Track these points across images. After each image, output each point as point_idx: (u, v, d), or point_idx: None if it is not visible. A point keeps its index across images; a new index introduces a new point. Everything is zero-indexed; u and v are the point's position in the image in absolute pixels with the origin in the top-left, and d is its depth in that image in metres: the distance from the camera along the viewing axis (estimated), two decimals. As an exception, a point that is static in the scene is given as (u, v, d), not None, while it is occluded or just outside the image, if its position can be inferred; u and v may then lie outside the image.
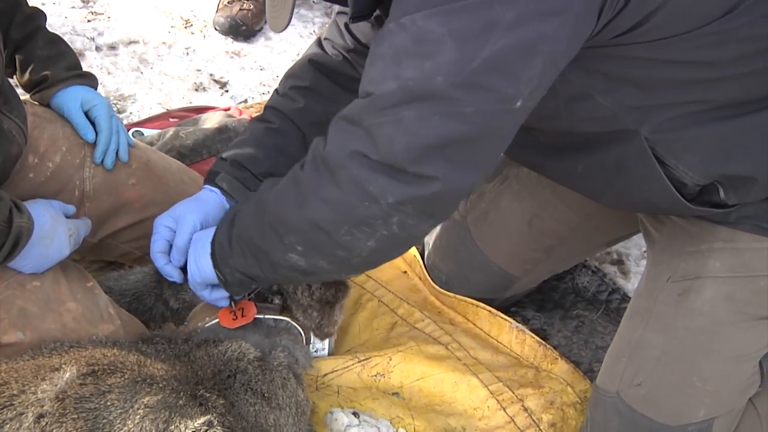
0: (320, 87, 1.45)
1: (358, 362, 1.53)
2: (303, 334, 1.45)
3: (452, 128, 0.99)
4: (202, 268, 1.29)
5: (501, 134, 1.05)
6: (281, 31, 1.14)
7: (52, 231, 1.26)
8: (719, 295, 1.32)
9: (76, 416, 1.09)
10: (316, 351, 1.50)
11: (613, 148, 1.21)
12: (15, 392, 1.11)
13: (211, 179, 1.43)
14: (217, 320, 1.38)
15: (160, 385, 1.16)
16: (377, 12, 1.21)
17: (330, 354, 1.53)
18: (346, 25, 1.42)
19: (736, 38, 1.11)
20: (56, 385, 1.12)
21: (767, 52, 1.14)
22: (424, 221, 1.08)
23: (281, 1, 1.12)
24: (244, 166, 1.42)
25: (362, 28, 1.41)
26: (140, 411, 1.11)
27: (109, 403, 1.11)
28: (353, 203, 1.06)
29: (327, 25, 1.61)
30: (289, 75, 1.49)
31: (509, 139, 1.07)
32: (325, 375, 1.51)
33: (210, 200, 1.41)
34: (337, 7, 1.46)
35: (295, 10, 2.68)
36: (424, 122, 0.99)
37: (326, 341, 1.51)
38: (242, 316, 1.37)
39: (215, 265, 1.26)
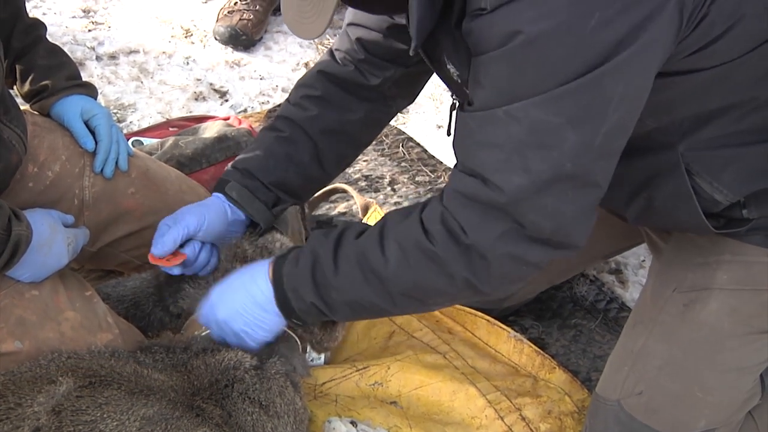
0: (332, 96, 1.46)
1: (356, 371, 1.53)
2: (299, 343, 1.45)
3: (588, 197, 1.09)
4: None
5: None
6: (315, 38, 1.11)
7: (51, 239, 1.27)
8: (725, 308, 1.32)
9: (72, 429, 1.09)
10: (312, 360, 1.50)
11: (647, 160, 1.21)
12: (11, 405, 1.11)
13: (220, 187, 1.44)
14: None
15: (157, 397, 1.16)
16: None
17: (326, 363, 1.53)
18: (359, 39, 1.43)
19: None
20: (53, 398, 1.12)
21: None
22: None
23: (318, 2, 1.06)
24: (254, 174, 1.43)
25: (374, 40, 1.41)
26: (136, 423, 1.12)
27: (105, 416, 1.11)
28: (507, 272, 1.13)
29: (327, 36, 1.62)
30: (301, 85, 1.50)
31: None
32: (323, 384, 1.51)
33: (212, 205, 1.42)
34: (347, 19, 1.46)
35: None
36: (563, 200, 1.07)
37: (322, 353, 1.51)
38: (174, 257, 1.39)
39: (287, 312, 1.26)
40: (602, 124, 1.03)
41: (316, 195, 1.99)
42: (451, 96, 1.36)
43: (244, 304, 1.27)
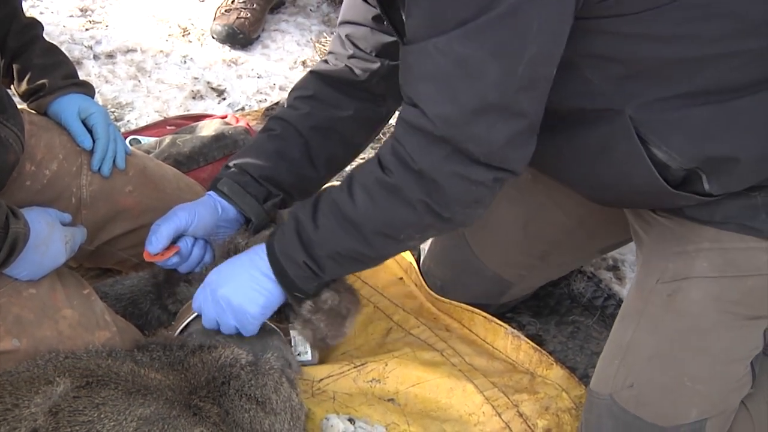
0: (323, 94, 1.50)
1: (354, 368, 1.54)
2: (284, 337, 1.44)
3: (516, 126, 1.15)
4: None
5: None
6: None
7: (48, 237, 1.27)
8: (708, 296, 1.33)
9: (69, 430, 1.09)
10: (299, 355, 1.49)
11: (597, 128, 1.24)
12: (9, 406, 1.11)
13: (213, 185, 1.47)
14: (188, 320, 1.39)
15: (154, 396, 1.16)
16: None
17: (315, 362, 1.52)
18: (348, 35, 1.47)
19: (718, 13, 1.15)
20: (50, 398, 1.12)
21: (752, 35, 1.16)
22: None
23: None
24: (245, 170, 1.46)
25: (362, 35, 1.46)
26: (133, 423, 1.12)
27: (102, 416, 1.11)
28: (459, 192, 1.20)
29: (324, 34, 1.64)
30: (294, 88, 1.55)
31: None
32: (321, 380, 1.51)
33: (204, 202, 1.45)
34: (339, 19, 1.51)
35: (293, 19, 2.70)
36: (492, 130, 1.14)
37: (307, 346, 1.49)
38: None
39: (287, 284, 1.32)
40: (522, 54, 1.09)
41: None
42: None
43: (243, 278, 1.32)
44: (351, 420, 1.43)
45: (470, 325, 1.70)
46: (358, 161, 1.68)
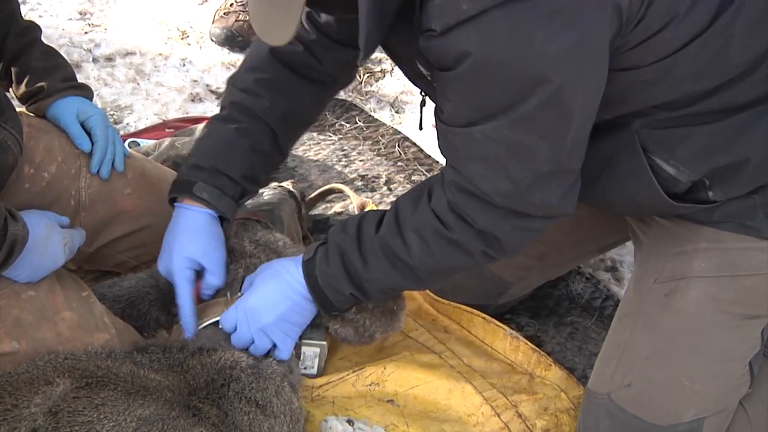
0: (283, 80, 1.46)
1: (353, 372, 1.54)
2: (294, 351, 1.45)
3: (568, 180, 1.20)
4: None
5: None
6: (285, 43, 1.12)
7: (47, 239, 1.27)
8: (705, 295, 1.33)
9: (69, 430, 1.09)
10: (305, 368, 1.50)
11: (604, 140, 1.25)
12: (8, 407, 1.11)
13: (186, 189, 1.42)
14: (207, 323, 1.39)
15: (154, 397, 1.16)
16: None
17: (318, 375, 1.53)
18: (309, 16, 1.43)
19: (732, 51, 1.16)
20: (50, 399, 1.12)
21: (761, 62, 1.17)
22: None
23: (284, 7, 1.07)
24: (222, 171, 1.43)
25: (326, 20, 1.42)
26: (133, 424, 1.12)
27: (102, 417, 1.12)
28: (518, 240, 1.27)
29: None
30: (250, 68, 1.48)
31: None
32: (320, 386, 1.52)
33: (198, 224, 1.41)
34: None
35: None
36: (548, 192, 1.19)
37: (315, 360, 1.50)
38: None
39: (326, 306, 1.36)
40: (569, 128, 1.13)
41: (313, 195, 2.00)
42: (421, 93, 1.41)
43: (286, 308, 1.37)
44: (350, 422, 1.43)
45: (469, 327, 1.70)
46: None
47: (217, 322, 1.39)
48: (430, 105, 1.36)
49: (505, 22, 1.02)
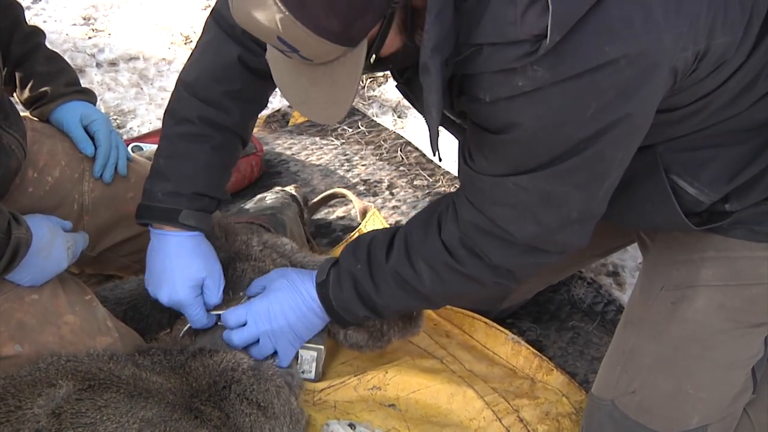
0: (251, 89, 1.40)
1: (355, 377, 1.54)
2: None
3: (591, 225, 1.22)
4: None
5: None
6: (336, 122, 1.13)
7: (50, 243, 1.27)
8: (712, 304, 1.33)
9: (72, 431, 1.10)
10: (303, 373, 1.50)
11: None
12: (12, 408, 1.12)
13: (169, 218, 1.36)
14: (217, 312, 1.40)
15: (156, 399, 1.17)
16: None
17: (317, 379, 1.53)
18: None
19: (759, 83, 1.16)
20: (53, 401, 1.12)
21: None
22: None
23: (336, 85, 1.04)
24: (205, 194, 1.39)
25: None
26: (135, 426, 1.12)
27: (105, 418, 1.12)
28: (531, 272, 1.30)
29: None
30: (215, 78, 1.37)
31: None
32: (322, 390, 1.52)
33: (191, 248, 1.38)
34: None
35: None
36: (571, 235, 1.20)
37: (312, 365, 1.51)
38: None
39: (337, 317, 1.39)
40: (605, 181, 1.14)
41: (315, 200, 2.01)
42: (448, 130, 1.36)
43: (296, 317, 1.39)
44: (351, 425, 1.43)
45: (471, 332, 1.70)
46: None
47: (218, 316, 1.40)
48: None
49: (560, 97, 1.02)
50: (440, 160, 1.20)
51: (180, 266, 1.37)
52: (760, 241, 1.29)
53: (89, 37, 2.59)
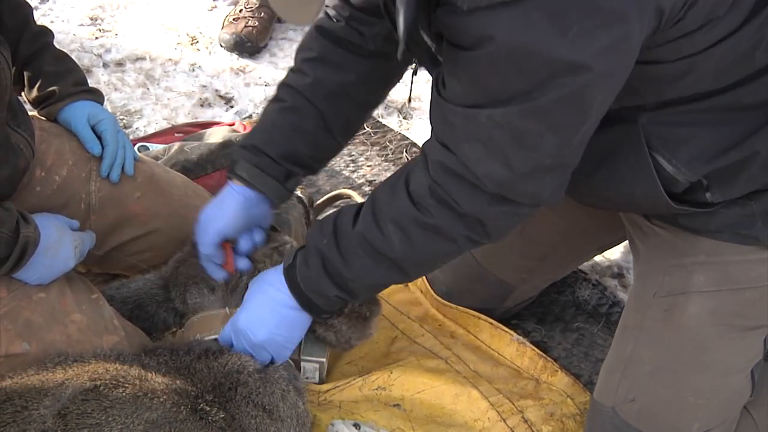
0: (329, 55, 1.39)
1: (360, 377, 1.54)
2: (293, 366, 1.46)
3: (564, 176, 1.16)
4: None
5: None
6: (310, 23, 1.10)
7: (58, 242, 1.28)
8: (705, 310, 1.31)
9: (77, 432, 1.10)
10: (306, 378, 1.50)
11: (609, 131, 1.20)
12: (18, 408, 1.13)
13: (231, 169, 1.41)
14: (214, 336, 1.39)
15: (161, 400, 1.17)
16: None
17: (321, 382, 1.53)
18: None
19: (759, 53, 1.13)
20: (59, 401, 1.13)
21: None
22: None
23: None
24: (261, 149, 1.38)
25: None
26: (141, 426, 1.13)
27: (110, 419, 1.13)
28: (503, 226, 1.22)
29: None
30: (300, 48, 1.43)
31: None
32: (327, 391, 1.52)
33: (231, 202, 1.40)
34: None
35: (300, 27, 2.69)
36: (542, 184, 1.14)
37: (315, 374, 1.51)
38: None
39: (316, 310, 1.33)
40: (582, 126, 1.08)
41: (320, 200, 2.01)
42: (414, 61, 1.34)
43: (275, 322, 1.33)
44: (356, 425, 1.43)
45: (476, 332, 1.70)
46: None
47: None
48: (421, 76, 1.32)
49: (540, 14, 0.96)
50: (404, 50, 1.11)
51: (213, 216, 1.40)
52: (749, 244, 1.27)
53: (96, 38, 2.59)
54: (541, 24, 0.97)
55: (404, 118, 2.46)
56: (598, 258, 1.95)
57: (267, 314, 1.33)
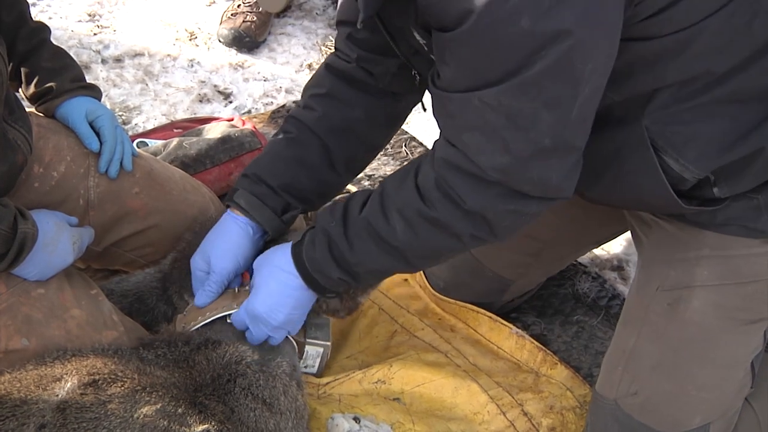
0: (338, 92, 1.42)
1: (360, 370, 1.55)
2: (297, 349, 1.46)
3: (570, 159, 1.13)
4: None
5: None
6: (279, 11, 1.10)
7: (56, 238, 1.28)
8: (709, 304, 1.31)
9: (76, 426, 1.11)
10: (305, 367, 1.50)
11: (614, 133, 1.20)
12: (17, 403, 1.13)
13: (230, 196, 1.42)
14: (206, 321, 1.39)
15: (160, 393, 1.17)
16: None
17: (318, 374, 1.53)
18: (349, 36, 1.41)
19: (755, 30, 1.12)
20: (57, 395, 1.13)
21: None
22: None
23: None
24: (262, 179, 1.40)
25: (363, 36, 1.39)
26: (140, 420, 1.13)
27: (109, 413, 1.13)
28: (510, 224, 1.20)
29: (330, 37, 1.57)
30: (309, 86, 1.47)
31: None
32: (327, 384, 1.52)
33: (234, 233, 1.40)
34: (336, 17, 1.45)
35: (299, 22, 2.71)
36: (547, 169, 1.11)
37: (317, 360, 1.51)
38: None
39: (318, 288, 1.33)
40: (576, 98, 1.05)
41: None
42: (414, 74, 1.35)
43: (292, 305, 1.34)
44: (356, 419, 1.44)
45: (475, 325, 1.70)
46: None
47: (224, 316, 1.39)
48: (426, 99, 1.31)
49: None
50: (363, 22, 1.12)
51: (209, 238, 1.41)
52: (755, 237, 1.27)
53: (94, 34, 2.59)
54: None
55: (404, 112, 2.46)
56: (597, 251, 1.95)
57: (284, 299, 1.33)
